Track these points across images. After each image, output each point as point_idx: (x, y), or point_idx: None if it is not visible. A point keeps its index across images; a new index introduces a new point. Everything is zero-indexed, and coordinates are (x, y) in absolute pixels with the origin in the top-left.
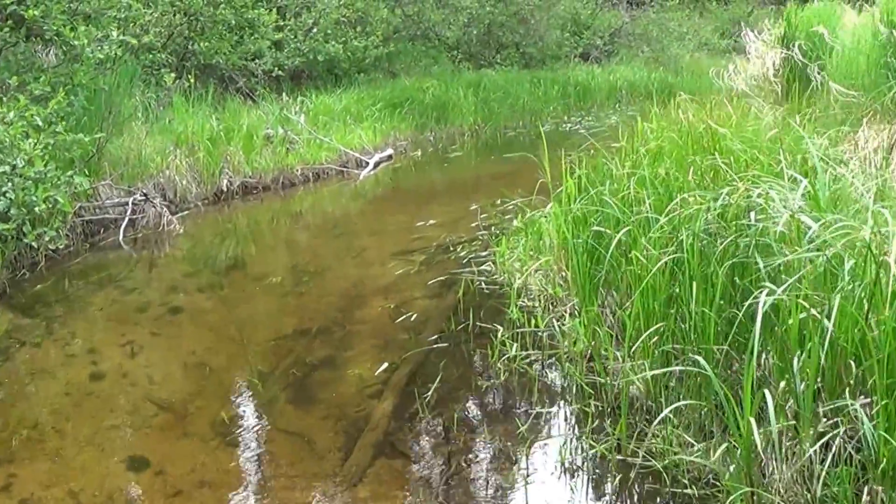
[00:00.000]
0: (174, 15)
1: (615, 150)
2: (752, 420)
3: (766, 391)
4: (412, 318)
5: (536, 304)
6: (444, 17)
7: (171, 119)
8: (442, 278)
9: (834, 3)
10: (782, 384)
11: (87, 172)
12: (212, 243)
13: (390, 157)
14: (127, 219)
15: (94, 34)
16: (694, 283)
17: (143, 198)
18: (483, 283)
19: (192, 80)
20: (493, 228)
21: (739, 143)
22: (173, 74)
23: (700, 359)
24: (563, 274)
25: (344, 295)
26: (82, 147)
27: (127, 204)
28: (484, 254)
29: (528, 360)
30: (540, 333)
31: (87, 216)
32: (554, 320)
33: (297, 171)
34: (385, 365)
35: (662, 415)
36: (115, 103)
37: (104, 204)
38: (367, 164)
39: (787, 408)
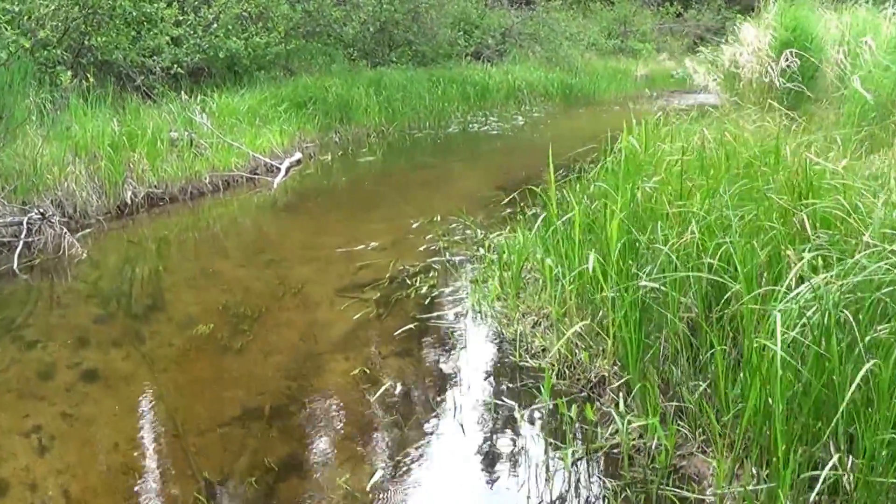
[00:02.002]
0: (71, 7)
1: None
2: None
3: None
4: (392, 392)
5: (547, 368)
6: (345, 13)
7: (71, 125)
8: (410, 327)
9: (808, 9)
10: None
11: None
12: (122, 273)
13: (299, 161)
14: (22, 242)
15: None
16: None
17: (40, 216)
18: (465, 335)
19: (90, 79)
20: (447, 254)
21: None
22: (70, 73)
23: None
24: (580, 329)
25: (294, 352)
26: None
27: (21, 224)
28: (448, 290)
29: (558, 456)
30: (571, 418)
31: None
32: (611, 412)
33: (206, 178)
34: (377, 473)
35: None
36: (8, 106)
37: None
38: (279, 170)
39: None
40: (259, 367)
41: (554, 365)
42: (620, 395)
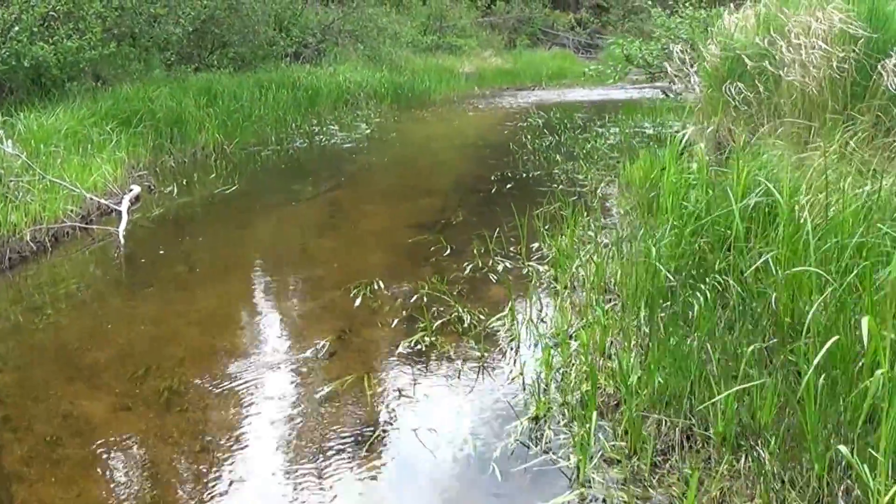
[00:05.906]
0: None
1: None
2: None
3: None
4: None
5: None
6: (169, 10)
7: None
8: None
9: None
10: None
11: None
12: None
13: (138, 198)
14: None
15: None
16: None
17: None
18: None
19: None
20: (446, 362)
21: None
22: None
23: None
24: None
25: None
26: None
27: None
28: (496, 446)
29: None
30: None
31: None
32: None
33: (27, 235)
34: None
35: None
36: None
37: None
38: (120, 213)
39: None
40: None
41: None
42: None
